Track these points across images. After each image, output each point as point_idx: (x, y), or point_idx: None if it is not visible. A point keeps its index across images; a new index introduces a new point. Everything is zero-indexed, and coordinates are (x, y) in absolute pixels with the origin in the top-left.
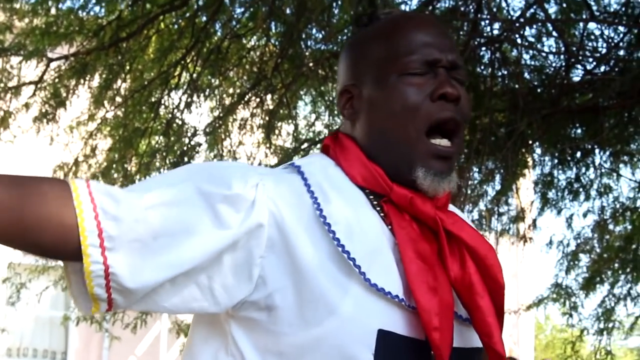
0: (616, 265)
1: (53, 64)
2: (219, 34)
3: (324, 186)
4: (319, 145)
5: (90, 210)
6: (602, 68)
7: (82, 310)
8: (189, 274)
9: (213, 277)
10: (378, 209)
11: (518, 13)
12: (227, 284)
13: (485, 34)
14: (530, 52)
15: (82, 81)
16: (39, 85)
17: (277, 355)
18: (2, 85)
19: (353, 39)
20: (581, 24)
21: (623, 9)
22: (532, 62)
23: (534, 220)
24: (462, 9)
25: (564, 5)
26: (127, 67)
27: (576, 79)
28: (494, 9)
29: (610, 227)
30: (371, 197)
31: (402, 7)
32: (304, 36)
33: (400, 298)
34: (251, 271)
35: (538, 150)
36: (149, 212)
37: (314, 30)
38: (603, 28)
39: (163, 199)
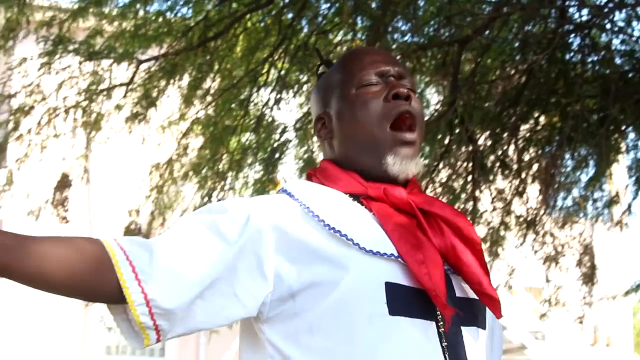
0: None
1: (143, 66)
2: (305, 30)
3: (308, 195)
4: None
5: (121, 254)
6: None
7: (136, 345)
8: (213, 287)
9: (233, 284)
10: (359, 204)
11: None
12: (247, 286)
13: (573, 21)
14: (620, 36)
15: (171, 81)
16: (129, 87)
17: (308, 332)
18: (94, 87)
19: (317, 82)
20: None
21: None
22: (623, 47)
23: (629, 205)
24: None
25: None
26: (216, 66)
27: None
28: None
29: None
30: (351, 197)
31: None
32: (390, 29)
33: (397, 255)
34: (264, 272)
35: (631, 135)
36: (168, 246)
37: (400, 23)
38: None
39: (175, 235)
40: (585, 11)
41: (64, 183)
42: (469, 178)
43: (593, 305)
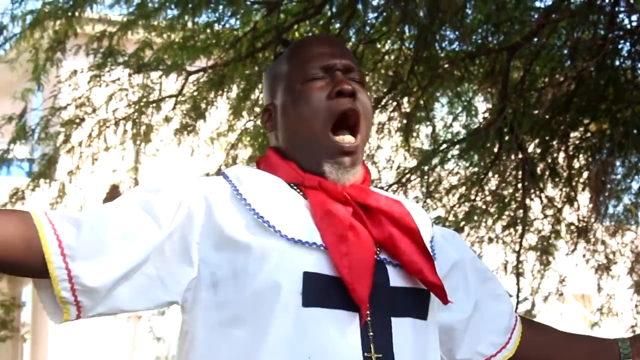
0: None
1: (192, 77)
2: (353, 39)
3: (242, 178)
4: (457, 146)
5: (49, 228)
6: None
7: (55, 319)
8: (138, 268)
9: (159, 267)
10: (297, 190)
11: None
12: (172, 270)
13: (623, 26)
14: None
15: (220, 92)
16: (178, 99)
17: (232, 323)
18: (143, 100)
19: (269, 68)
20: None
21: None
22: None
23: None
24: (599, 2)
25: None
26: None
27: None
28: (631, 1)
29: None
30: (289, 186)
31: (537, 3)
32: (438, 38)
33: (319, 244)
34: (191, 256)
35: None
36: (98, 223)
37: (447, 32)
38: None
39: (107, 212)
40: (635, 17)
41: (113, 194)
42: (519, 186)
43: None
